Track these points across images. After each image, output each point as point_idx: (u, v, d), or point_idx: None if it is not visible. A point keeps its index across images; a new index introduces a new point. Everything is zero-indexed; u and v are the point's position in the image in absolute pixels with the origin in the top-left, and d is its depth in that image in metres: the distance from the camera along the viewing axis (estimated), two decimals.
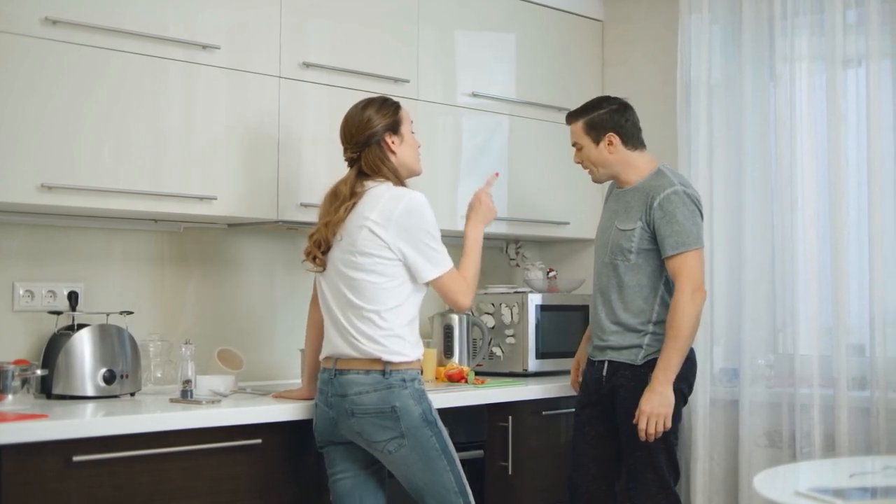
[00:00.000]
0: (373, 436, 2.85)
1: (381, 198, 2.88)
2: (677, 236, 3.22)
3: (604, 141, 3.36)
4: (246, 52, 3.30)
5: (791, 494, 2.23)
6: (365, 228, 2.86)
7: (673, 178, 3.33)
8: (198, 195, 3.19)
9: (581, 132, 3.39)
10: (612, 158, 3.37)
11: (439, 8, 3.83)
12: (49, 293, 3.25)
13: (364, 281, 2.87)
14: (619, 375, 3.31)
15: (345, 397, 2.86)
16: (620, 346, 3.32)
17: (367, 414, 2.84)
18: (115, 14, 3.04)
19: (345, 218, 2.91)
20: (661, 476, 3.27)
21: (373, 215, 2.86)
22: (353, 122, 2.98)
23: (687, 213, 3.25)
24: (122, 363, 3.13)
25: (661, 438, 3.23)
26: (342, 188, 2.96)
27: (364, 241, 2.86)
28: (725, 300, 3.84)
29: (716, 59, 3.91)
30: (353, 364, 2.87)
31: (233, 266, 3.67)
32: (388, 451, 2.86)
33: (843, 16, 3.60)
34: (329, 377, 2.91)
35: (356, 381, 2.86)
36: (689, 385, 3.36)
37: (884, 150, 3.53)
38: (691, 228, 3.24)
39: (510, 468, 3.51)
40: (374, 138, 2.94)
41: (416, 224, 2.87)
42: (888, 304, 3.51)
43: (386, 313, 2.87)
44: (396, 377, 2.86)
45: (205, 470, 2.84)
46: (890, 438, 3.44)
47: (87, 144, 2.99)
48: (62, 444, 2.59)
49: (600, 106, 3.40)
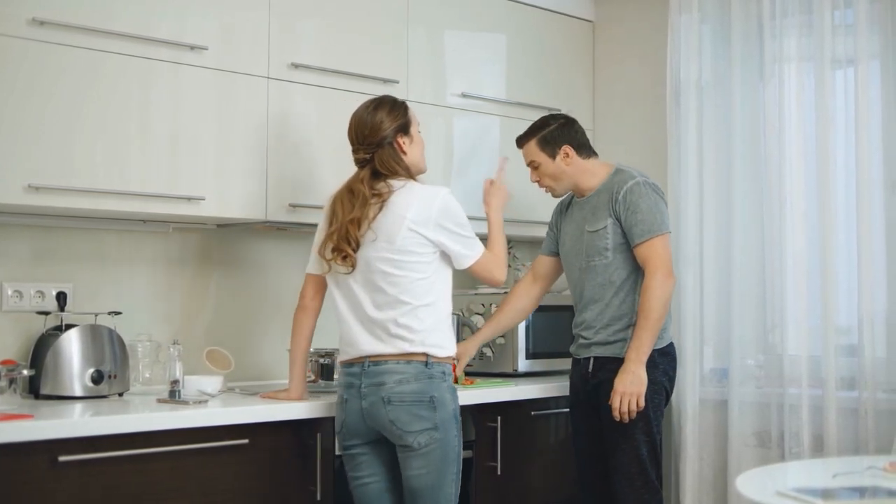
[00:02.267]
0: (407, 425, 2.89)
1: (413, 197, 2.96)
2: (643, 224, 3.31)
3: (559, 154, 3.47)
4: (234, 53, 3.31)
5: (772, 494, 2.23)
6: (404, 227, 2.93)
7: (633, 172, 3.42)
8: (186, 196, 3.19)
9: (536, 150, 3.50)
10: (569, 170, 3.47)
11: (429, 9, 3.83)
12: (38, 293, 3.26)
13: (406, 277, 2.94)
14: (605, 370, 3.35)
15: (382, 386, 2.90)
16: (606, 341, 3.37)
17: (405, 402, 2.89)
18: (103, 15, 3.04)
19: (376, 216, 2.94)
20: (645, 469, 3.31)
21: (410, 214, 2.93)
22: (364, 123, 3.03)
23: (650, 202, 3.34)
24: (110, 363, 3.14)
25: (644, 432, 3.29)
26: (359, 187, 2.99)
27: (405, 240, 2.93)
28: (715, 300, 3.84)
29: (705, 60, 3.92)
30: (391, 357, 2.92)
31: (222, 267, 3.67)
32: (417, 442, 2.89)
33: (831, 16, 3.60)
34: (359, 370, 2.94)
35: (396, 370, 2.91)
36: (670, 379, 3.41)
37: (872, 151, 3.53)
38: (656, 215, 3.34)
39: (499, 468, 3.51)
40: (386, 140, 3.01)
41: (453, 218, 3.00)
42: (877, 304, 3.51)
43: (429, 308, 2.96)
44: (437, 369, 2.95)
45: (192, 470, 2.84)
46: (878, 439, 3.44)
47: (74, 145, 3.00)
48: (48, 444, 2.60)
49: (548, 123, 3.52)
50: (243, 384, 3.54)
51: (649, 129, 4.15)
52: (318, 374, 3.39)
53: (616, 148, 4.22)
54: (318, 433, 3.07)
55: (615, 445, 3.33)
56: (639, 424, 3.30)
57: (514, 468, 3.57)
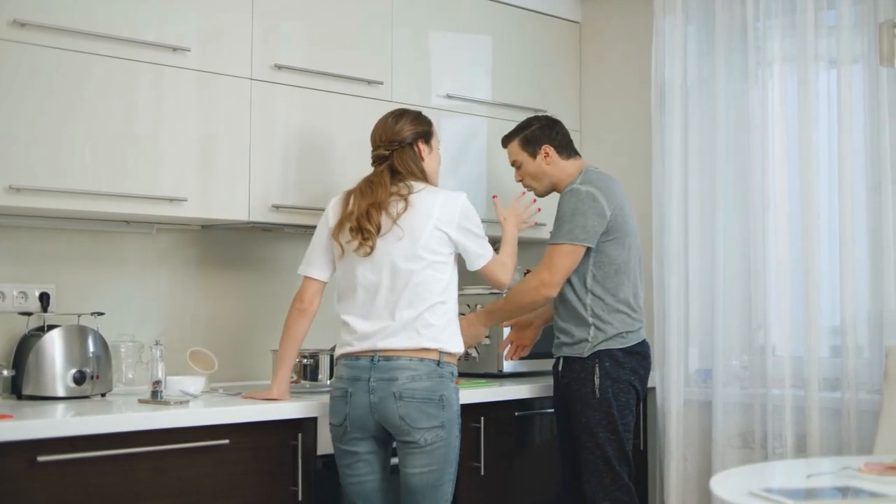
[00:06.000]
0: (416, 421, 2.91)
1: (437, 198, 3.04)
2: (555, 229, 3.40)
3: (540, 154, 3.52)
4: (217, 54, 3.31)
5: (744, 495, 2.24)
6: (430, 226, 2.99)
7: (586, 176, 3.43)
8: (168, 197, 3.20)
9: (518, 149, 3.56)
10: (549, 169, 3.52)
11: (413, 10, 3.84)
12: (20, 294, 3.27)
13: (428, 275, 2.98)
14: (570, 369, 3.40)
15: (394, 381, 2.92)
16: (570, 342, 3.42)
17: (416, 399, 2.92)
18: (85, 17, 3.05)
19: (401, 214, 2.98)
20: (613, 468, 3.33)
21: (436, 213, 3.01)
22: (388, 125, 3.12)
23: (570, 209, 3.36)
24: (92, 364, 3.14)
25: (609, 430, 3.33)
26: (379, 179, 3.04)
27: (430, 238, 2.99)
28: (699, 301, 3.85)
29: (690, 61, 3.93)
30: (403, 353, 2.94)
31: (206, 267, 3.68)
32: (424, 439, 2.92)
33: (814, 18, 3.61)
34: (368, 364, 2.95)
35: (409, 367, 2.93)
36: (640, 379, 3.43)
37: (854, 153, 3.54)
38: (567, 224, 3.35)
39: (482, 469, 3.52)
40: (406, 140, 3.09)
41: (473, 220, 3.09)
42: (859, 305, 3.52)
43: (444, 306, 3.01)
44: (447, 369, 3.00)
45: (172, 470, 2.84)
46: (861, 439, 3.46)
47: (56, 146, 3.00)
48: (27, 444, 2.60)
49: (531, 124, 3.58)
50: (227, 385, 3.55)
51: (635, 129, 4.16)
52: (300, 374, 3.39)
53: (601, 148, 4.24)
54: (300, 433, 3.07)
55: (581, 444, 3.37)
56: (602, 423, 3.33)
57: (498, 469, 3.58)
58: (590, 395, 3.34)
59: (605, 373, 3.34)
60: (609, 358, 3.34)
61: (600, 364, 3.34)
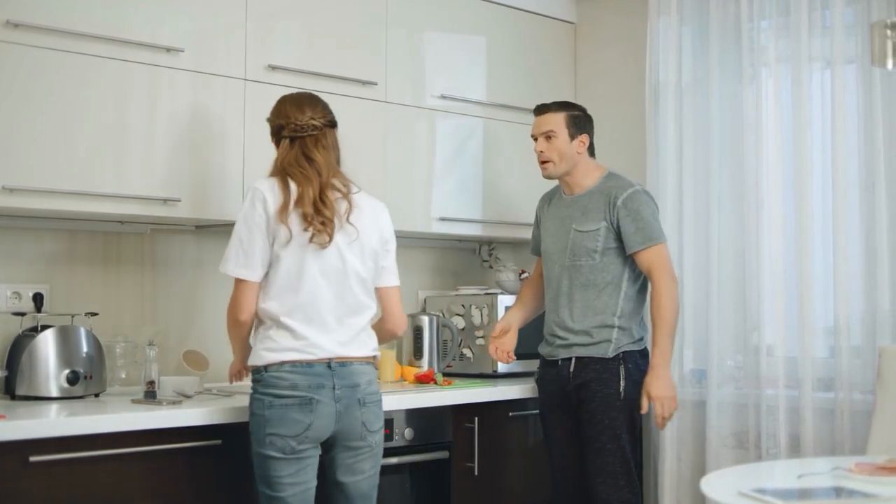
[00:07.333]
0: (373, 425, 2.90)
1: (377, 206, 2.98)
2: (645, 231, 3.36)
3: (578, 139, 3.49)
4: (211, 54, 3.32)
5: (734, 495, 2.24)
6: (376, 235, 2.93)
7: (627, 179, 3.47)
8: (161, 197, 3.20)
9: (563, 123, 3.49)
10: (577, 157, 3.50)
11: (408, 10, 3.84)
12: (14, 294, 3.27)
13: (371, 285, 2.95)
14: (589, 370, 3.37)
15: (356, 387, 2.85)
16: (589, 342, 3.38)
17: (373, 403, 2.90)
18: (79, 17, 3.05)
19: (348, 213, 2.86)
20: (630, 469, 3.34)
21: (381, 225, 2.96)
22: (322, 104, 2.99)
23: (651, 211, 3.41)
24: (85, 364, 3.15)
25: (631, 432, 3.33)
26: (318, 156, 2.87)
27: (377, 247, 2.93)
28: (693, 302, 3.85)
29: (685, 61, 3.93)
30: (356, 359, 2.89)
31: (200, 268, 3.68)
32: (376, 441, 2.91)
33: (808, 19, 3.62)
34: (325, 371, 2.80)
35: (364, 371, 2.89)
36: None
37: (848, 152, 3.54)
38: (655, 224, 3.40)
39: (476, 469, 3.52)
40: (335, 123, 2.98)
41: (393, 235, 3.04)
42: (853, 305, 3.52)
43: (371, 312, 2.96)
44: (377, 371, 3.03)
45: (164, 470, 2.85)
46: (854, 439, 3.45)
47: (50, 146, 3.00)
48: (20, 444, 2.61)
49: (580, 108, 3.56)
50: (220, 385, 3.55)
51: (630, 129, 4.16)
52: None
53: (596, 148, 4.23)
54: None
55: (601, 447, 3.33)
56: (626, 424, 3.32)
57: (492, 469, 3.58)
58: (614, 397, 3.33)
59: (628, 374, 3.35)
60: (631, 360, 3.37)
61: (624, 365, 3.36)
